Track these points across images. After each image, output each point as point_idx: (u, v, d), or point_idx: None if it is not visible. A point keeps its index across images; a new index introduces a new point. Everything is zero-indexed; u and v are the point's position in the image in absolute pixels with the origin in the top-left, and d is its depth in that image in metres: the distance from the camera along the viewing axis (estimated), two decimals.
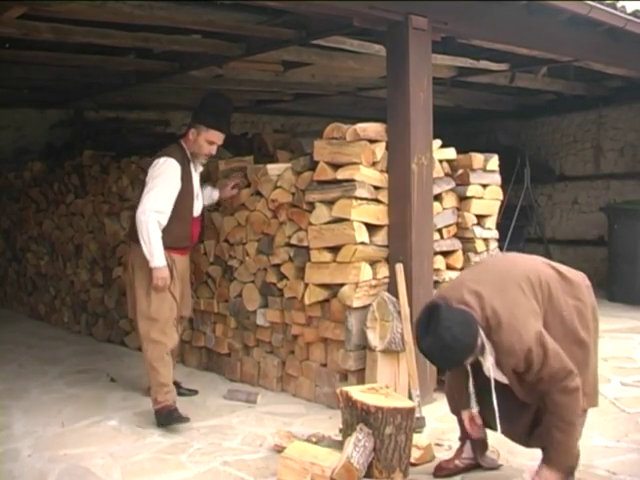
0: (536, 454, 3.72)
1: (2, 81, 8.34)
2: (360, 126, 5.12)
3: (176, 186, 5.05)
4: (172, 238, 5.07)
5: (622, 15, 6.27)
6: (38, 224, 9.09)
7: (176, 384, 5.39)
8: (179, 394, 5.37)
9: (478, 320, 3.46)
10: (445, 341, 3.40)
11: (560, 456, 3.54)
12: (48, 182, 8.88)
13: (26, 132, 10.40)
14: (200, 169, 5.42)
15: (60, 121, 10.47)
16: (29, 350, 7.46)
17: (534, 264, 3.79)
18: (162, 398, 4.98)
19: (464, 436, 4.11)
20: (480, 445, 4.07)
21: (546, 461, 3.57)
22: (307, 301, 5.37)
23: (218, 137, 5.24)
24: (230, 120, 5.54)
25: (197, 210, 5.38)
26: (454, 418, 4.12)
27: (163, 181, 5.00)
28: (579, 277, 3.79)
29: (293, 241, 5.51)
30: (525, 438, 3.73)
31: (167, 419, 4.92)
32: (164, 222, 4.98)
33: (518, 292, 3.53)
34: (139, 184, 7.14)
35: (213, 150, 5.28)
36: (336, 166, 5.17)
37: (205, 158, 5.32)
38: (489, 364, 3.55)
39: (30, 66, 7.63)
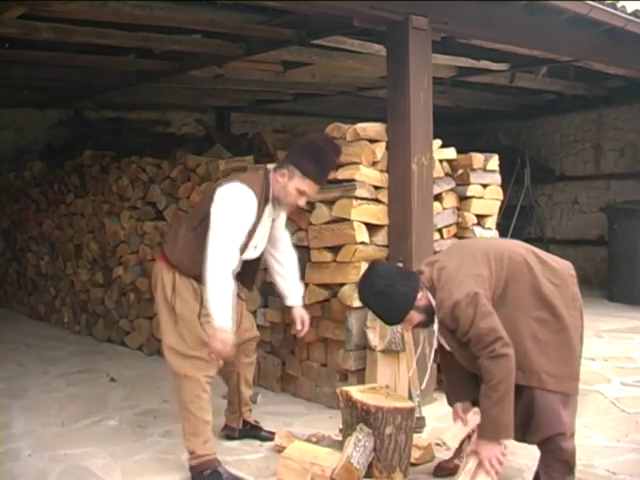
0: (537, 454, 3.71)
1: (2, 81, 8.34)
2: (360, 126, 5.12)
3: (248, 224, 4.00)
4: (198, 272, 3.95)
5: (622, 15, 6.26)
6: (38, 224, 9.10)
7: (252, 426, 4.78)
8: (259, 438, 4.70)
9: (423, 281, 3.63)
10: (379, 288, 3.60)
11: (485, 424, 3.52)
12: (48, 182, 8.88)
13: (26, 132, 10.40)
14: (275, 215, 4.28)
15: (60, 121, 10.47)
16: (29, 350, 7.47)
17: (507, 245, 3.85)
18: (201, 451, 4.08)
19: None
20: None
21: (479, 433, 3.62)
22: (307, 301, 5.35)
23: (312, 189, 4.10)
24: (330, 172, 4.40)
25: (247, 256, 4.20)
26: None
27: (238, 217, 3.93)
28: (563, 265, 3.78)
29: (293, 241, 5.47)
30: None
31: (212, 478, 4.02)
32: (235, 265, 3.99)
33: (469, 260, 3.62)
34: (139, 184, 7.18)
35: (302, 202, 4.14)
36: (336, 166, 5.17)
37: (288, 209, 4.31)
38: (434, 327, 3.67)
39: (30, 66, 7.63)
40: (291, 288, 4.54)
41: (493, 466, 3.52)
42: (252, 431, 4.74)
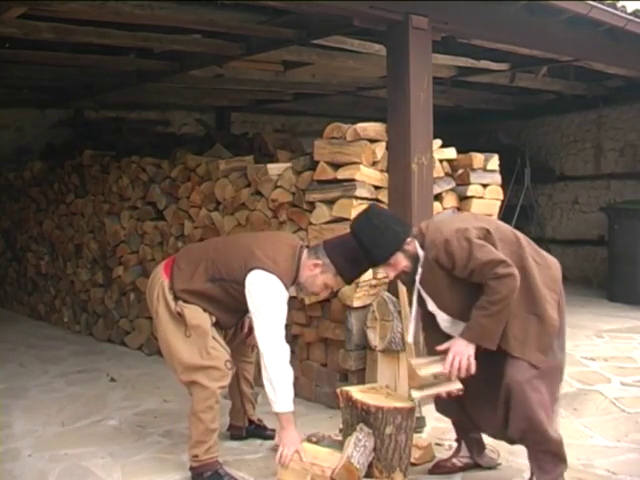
0: None
1: (2, 81, 8.34)
2: (360, 126, 5.12)
3: (285, 311, 4.03)
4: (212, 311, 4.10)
5: (622, 15, 6.26)
6: (38, 224, 9.10)
7: (257, 425, 4.79)
8: (265, 437, 4.73)
9: (415, 231, 3.79)
10: (372, 222, 3.75)
11: (473, 327, 3.55)
12: (48, 182, 8.88)
13: (26, 132, 10.40)
14: (292, 293, 4.25)
15: (60, 121, 10.47)
16: (29, 350, 7.47)
17: (504, 225, 3.89)
18: (204, 456, 4.07)
19: (459, 436, 4.13)
20: (475, 444, 4.09)
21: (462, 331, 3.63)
22: (307, 301, 5.36)
23: (339, 285, 4.28)
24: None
25: None
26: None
27: (278, 313, 3.98)
28: (551, 258, 3.84)
29: None
30: (500, 430, 3.72)
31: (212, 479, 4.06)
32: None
33: (461, 216, 3.84)
34: (139, 184, 7.18)
35: (324, 294, 4.28)
36: (336, 166, 5.17)
37: (308, 295, 4.60)
38: (416, 277, 3.76)
39: (30, 66, 7.63)
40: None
41: (453, 362, 3.55)
42: (257, 430, 4.74)
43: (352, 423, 3.92)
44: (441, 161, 5.62)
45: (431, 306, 3.80)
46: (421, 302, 3.85)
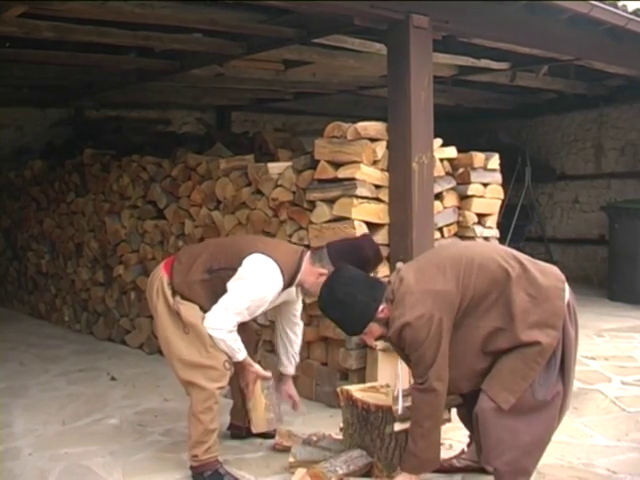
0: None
1: (3, 80, 8.34)
2: (361, 125, 5.12)
3: (264, 305, 4.07)
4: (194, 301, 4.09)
5: (623, 14, 6.26)
6: (39, 223, 9.10)
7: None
8: (265, 436, 4.67)
9: (388, 292, 3.51)
10: (337, 296, 3.52)
11: (407, 458, 3.50)
12: (49, 181, 8.88)
13: (27, 131, 10.40)
14: (292, 296, 4.34)
15: (61, 120, 10.48)
16: (30, 349, 7.47)
17: (483, 251, 3.64)
18: (204, 456, 4.06)
19: (471, 439, 4.08)
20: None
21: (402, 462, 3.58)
22: (307, 300, 5.36)
23: None
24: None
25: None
26: (455, 417, 4.10)
27: (259, 295, 3.99)
28: (551, 277, 3.52)
29: (294, 240, 5.51)
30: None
31: (212, 479, 4.04)
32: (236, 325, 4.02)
33: (433, 270, 3.46)
34: (140, 183, 7.18)
35: None
36: (337, 165, 5.17)
37: (309, 297, 4.60)
38: None
39: (31, 65, 7.63)
40: (289, 359, 4.65)
41: None
42: None
43: (352, 422, 3.92)
44: (442, 160, 5.62)
45: None
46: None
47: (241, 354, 4.05)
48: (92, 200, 7.98)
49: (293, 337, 4.60)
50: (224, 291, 3.99)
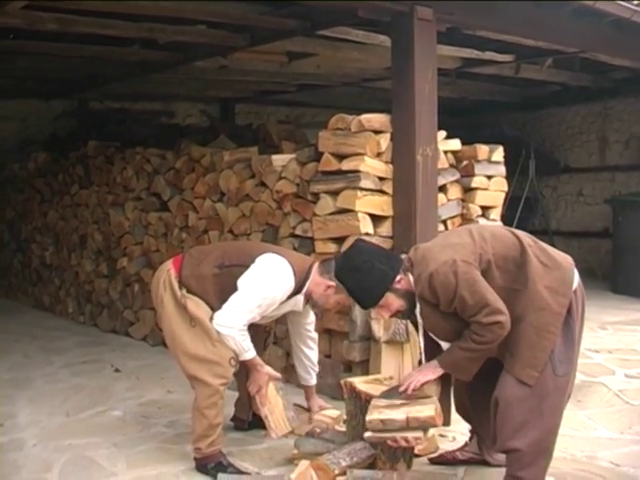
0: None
1: (6, 72, 8.34)
2: (365, 117, 5.11)
3: (275, 304, 4.05)
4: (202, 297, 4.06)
5: (628, 6, 6.24)
6: (43, 215, 9.12)
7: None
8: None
9: (405, 263, 3.49)
10: (355, 263, 3.48)
11: (448, 354, 3.46)
12: (53, 173, 8.89)
13: (30, 123, 10.40)
14: (298, 308, 4.25)
15: (64, 112, 10.47)
16: (34, 340, 7.49)
17: (493, 227, 3.73)
18: (208, 449, 4.06)
19: (472, 432, 4.09)
20: (487, 442, 4.05)
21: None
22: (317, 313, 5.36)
23: (349, 302, 4.18)
24: None
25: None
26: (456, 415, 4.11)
27: (271, 293, 3.97)
28: (562, 255, 3.55)
29: (298, 232, 5.51)
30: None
31: (216, 470, 4.00)
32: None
33: (448, 233, 3.56)
34: (143, 175, 7.18)
35: (335, 309, 4.40)
36: (341, 157, 5.17)
37: (320, 312, 4.42)
38: (417, 311, 3.55)
39: (34, 57, 7.62)
40: (308, 372, 4.60)
41: (409, 386, 3.52)
42: (261, 422, 4.73)
43: (356, 414, 3.92)
44: (446, 152, 5.61)
45: (434, 336, 3.61)
46: (426, 333, 3.65)
47: (249, 353, 4.02)
48: (96, 192, 7.99)
49: (308, 351, 4.57)
50: (233, 289, 3.97)
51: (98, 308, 8.09)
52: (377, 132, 5.14)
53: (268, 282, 3.97)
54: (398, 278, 3.46)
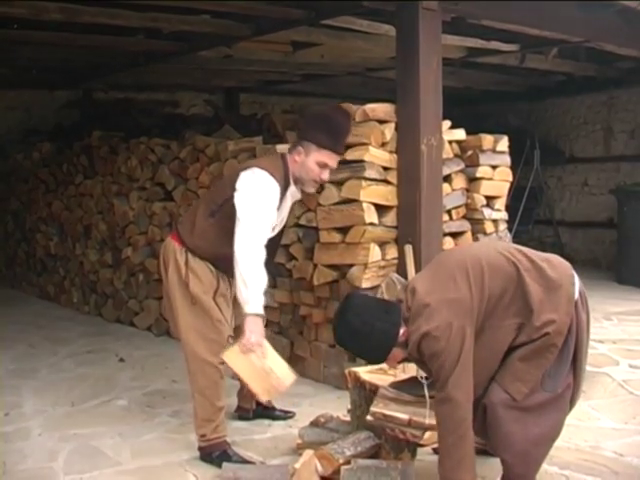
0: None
1: (11, 62, 8.34)
2: (369, 106, 5.10)
3: (273, 216, 3.97)
4: (214, 258, 4.07)
5: None
6: (47, 205, 9.12)
7: (265, 407, 4.73)
8: (273, 418, 4.76)
9: (403, 311, 3.35)
10: (354, 327, 3.32)
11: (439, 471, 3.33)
12: (57, 163, 8.90)
13: (35, 113, 10.41)
14: (298, 196, 4.29)
15: (69, 102, 10.48)
16: (39, 330, 7.51)
17: (486, 250, 3.51)
18: (212, 435, 4.08)
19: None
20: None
21: None
22: (316, 282, 5.37)
23: (333, 160, 4.08)
24: (347, 138, 4.30)
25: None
26: None
27: (265, 204, 3.90)
28: (559, 266, 3.43)
29: (302, 222, 5.51)
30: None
31: (220, 459, 3.99)
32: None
33: (444, 278, 3.32)
34: (148, 165, 7.18)
35: (325, 175, 4.11)
36: (345, 146, 5.15)
37: (314, 185, 4.21)
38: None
39: (39, 47, 7.61)
40: None
41: None
42: (265, 412, 4.75)
43: (360, 404, 3.93)
44: (450, 142, 5.60)
45: None
46: None
47: (255, 305, 3.77)
48: (100, 182, 8.00)
49: None
50: (234, 226, 3.87)
51: (103, 298, 8.11)
52: (382, 122, 5.13)
53: (256, 191, 3.88)
54: (401, 332, 3.34)
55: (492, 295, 3.29)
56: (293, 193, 4.17)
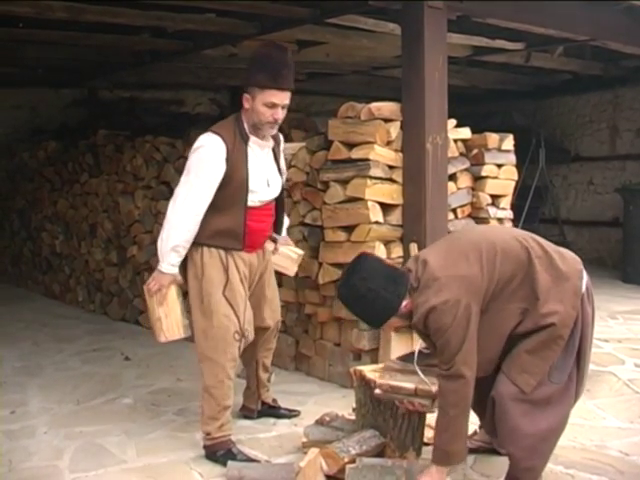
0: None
1: (16, 61, 8.36)
2: (375, 105, 5.10)
3: (217, 173, 3.96)
4: (218, 236, 4.06)
5: None
6: (53, 203, 9.13)
7: (270, 406, 4.77)
8: (278, 416, 4.75)
9: (411, 281, 3.37)
10: (359, 292, 3.38)
11: (435, 449, 3.39)
12: (62, 161, 8.90)
13: (40, 112, 10.43)
14: (271, 144, 4.25)
15: (74, 101, 10.50)
16: (44, 328, 7.52)
17: (502, 235, 3.53)
18: (217, 433, 4.08)
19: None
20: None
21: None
22: (321, 280, 5.37)
23: (279, 97, 4.00)
24: (291, 72, 4.13)
25: (261, 197, 4.16)
26: None
27: (198, 169, 3.98)
28: (569, 259, 3.47)
29: (307, 220, 5.51)
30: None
31: (225, 458, 3.98)
32: (197, 224, 4.02)
33: (456, 255, 3.36)
34: (153, 163, 7.19)
35: (278, 114, 4.03)
36: (350, 145, 5.16)
37: (271, 127, 4.11)
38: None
39: (44, 46, 7.64)
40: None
41: None
42: (270, 410, 4.75)
43: (365, 402, 3.93)
44: (456, 141, 5.59)
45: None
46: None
47: (167, 266, 4.00)
48: (106, 181, 8.00)
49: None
50: (219, 200, 4.02)
51: (108, 296, 8.12)
52: (387, 120, 5.12)
53: (193, 157, 4.04)
54: (404, 304, 3.38)
55: (501, 279, 3.33)
56: (261, 144, 4.16)
